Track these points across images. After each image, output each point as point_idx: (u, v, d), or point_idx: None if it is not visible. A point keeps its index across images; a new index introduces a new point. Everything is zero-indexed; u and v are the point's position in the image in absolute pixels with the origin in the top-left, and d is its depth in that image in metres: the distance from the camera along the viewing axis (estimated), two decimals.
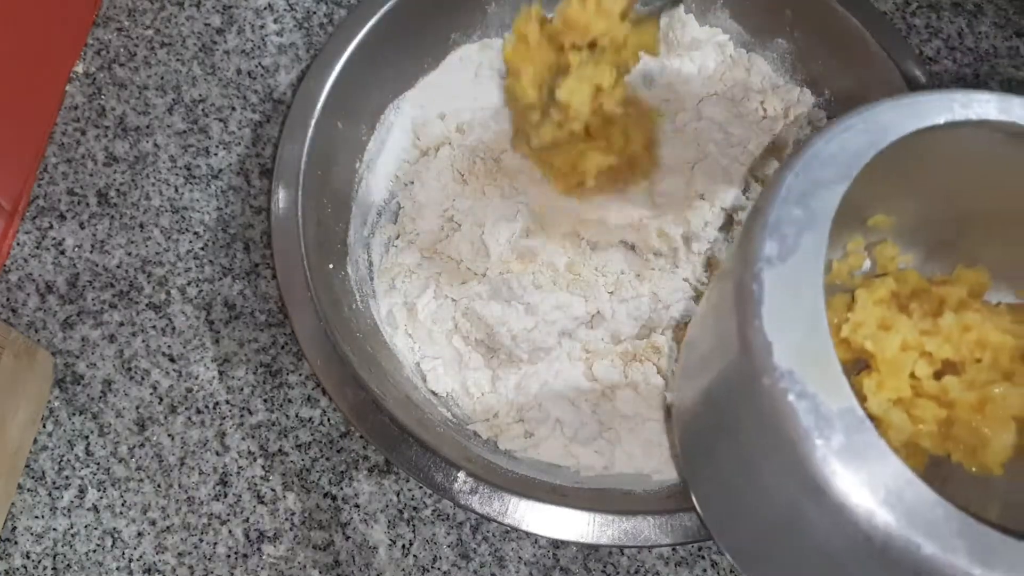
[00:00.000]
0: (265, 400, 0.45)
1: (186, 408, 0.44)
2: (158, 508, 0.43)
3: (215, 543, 0.43)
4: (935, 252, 0.39)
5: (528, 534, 0.42)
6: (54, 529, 0.43)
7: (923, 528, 0.24)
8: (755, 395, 0.27)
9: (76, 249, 0.47)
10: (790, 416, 0.26)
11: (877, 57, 0.45)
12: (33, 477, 0.43)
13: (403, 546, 0.43)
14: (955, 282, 0.36)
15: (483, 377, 0.43)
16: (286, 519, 0.43)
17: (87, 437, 0.44)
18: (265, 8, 0.52)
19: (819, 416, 0.25)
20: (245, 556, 0.42)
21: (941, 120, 0.31)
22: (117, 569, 0.42)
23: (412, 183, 0.47)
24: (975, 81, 0.53)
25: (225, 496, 0.43)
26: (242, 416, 0.44)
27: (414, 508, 0.43)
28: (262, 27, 0.52)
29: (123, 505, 0.43)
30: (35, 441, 0.44)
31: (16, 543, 0.42)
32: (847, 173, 0.29)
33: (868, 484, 0.25)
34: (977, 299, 0.36)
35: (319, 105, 0.43)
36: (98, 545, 0.42)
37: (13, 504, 0.43)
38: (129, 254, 0.47)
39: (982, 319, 0.33)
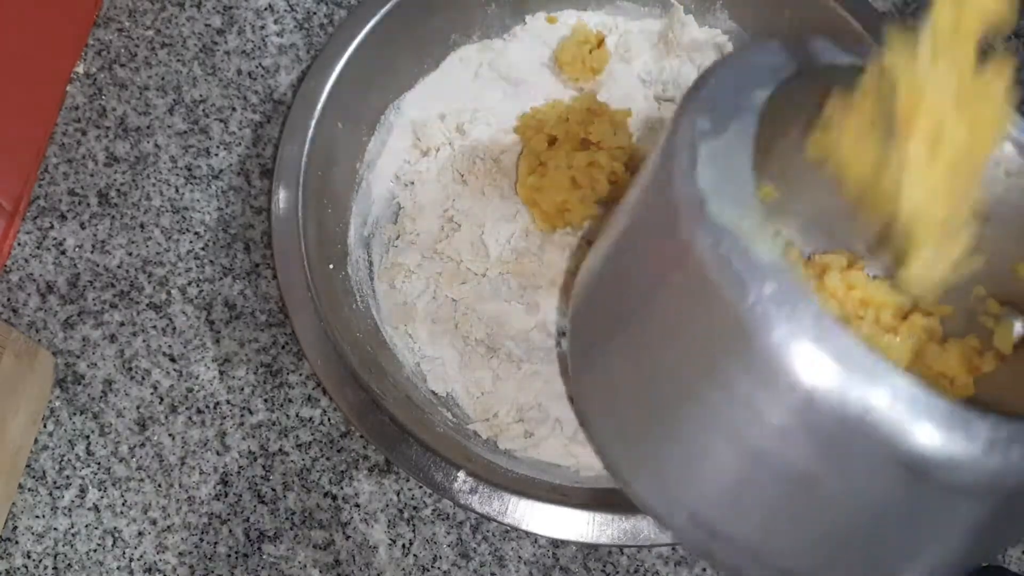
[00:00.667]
0: (265, 400, 0.45)
1: (187, 408, 0.45)
2: (159, 508, 0.43)
3: (215, 543, 0.43)
4: (812, 236, 0.40)
5: (528, 533, 0.42)
6: (55, 529, 0.43)
7: (853, 370, 0.23)
8: (681, 255, 0.27)
9: (77, 249, 0.47)
10: (722, 266, 0.25)
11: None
12: (34, 477, 0.43)
13: (403, 545, 0.43)
14: (835, 254, 0.37)
15: (483, 377, 0.43)
16: (286, 519, 0.43)
17: (88, 437, 0.44)
18: (266, 9, 0.52)
19: (750, 265, 0.25)
20: (246, 556, 0.43)
21: (852, 58, 0.31)
22: (118, 568, 0.42)
23: (412, 183, 0.47)
24: None
25: (226, 496, 0.43)
26: (242, 416, 0.45)
27: (414, 508, 0.43)
28: (263, 28, 0.52)
29: (124, 505, 0.43)
30: (36, 441, 0.44)
31: (17, 543, 0.42)
32: (773, 80, 0.30)
33: (798, 329, 0.24)
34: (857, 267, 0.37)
35: (319, 106, 0.43)
36: (99, 545, 0.43)
37: (14, 504, 0.43)
38: (130, 254, 0.47)
39: (865, 279, 0.34)
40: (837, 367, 0.23)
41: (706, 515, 0.29)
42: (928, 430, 0.23)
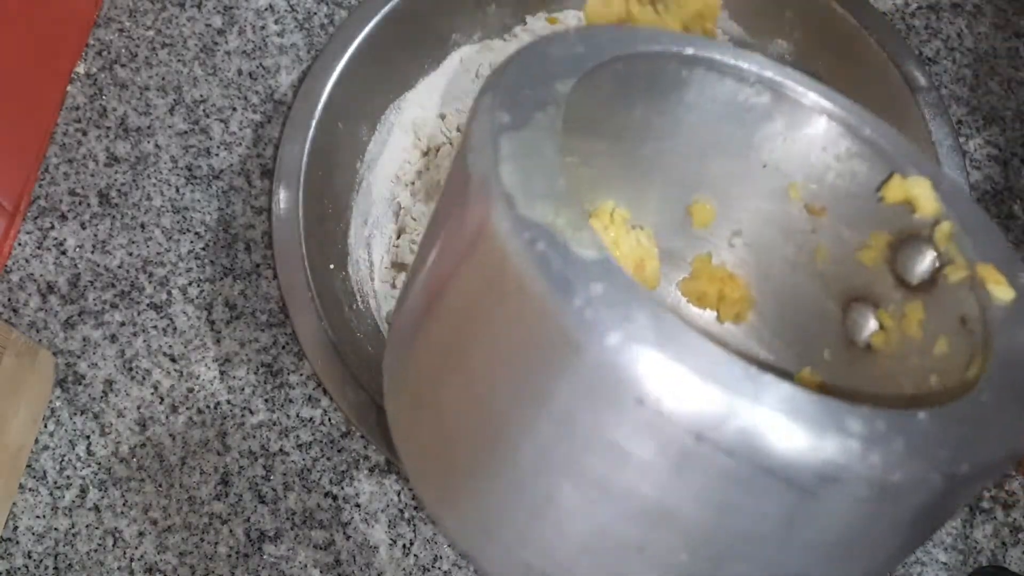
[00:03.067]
0: (266, 400, 0.45)
1: (187, 408, 0.45)
2: (159, 508, 0.43)
3: (216, 543, 0.43)
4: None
5: None
6: (55, 529, 0.43)
7: (704, 373, 0.20)
8: (489, 262, 0.23)
9: (77, 249, 0.47)
10: (540, 268, 0.21)
11: (877, 58, 0.45)
12: (35, 477, 0.43)
13: (404, 546, 0.43)
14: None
15: None
16: (287, 519, 0.43)
17: (88, 437, 0.44)
18: (266, 9, 0.52)
19: (573, 263, 0.21)
20: (246, 556, 0.43)
21: (655, 47, 0.29)
22: (118, 569, 0.42)
23: (413, 183, 0.47)
24: (975, 81, 0.53)
25: (226, 496, 0.43)
26: (243, 416, 0.45)
27: (415, 508, 0.43)
28: (263, 28, 0.52)
29: (124, 505, 0.43)
30: (36, 441, 0.44)
31: (18, 543, 0.42)
32: (574, 71, 0.27)
33: (636, 332, 0.20)
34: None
35: (320, 106, 0.43)
36: (99, 545, 0.43)
37: (15, 504, 0.43)
38: (130, 254, 0.47)
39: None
40: (686, 372, 0.20)
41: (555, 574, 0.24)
42: (799, 431, 0.20)
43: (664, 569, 0.23)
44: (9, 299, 0.46)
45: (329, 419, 0.45)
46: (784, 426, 0.20)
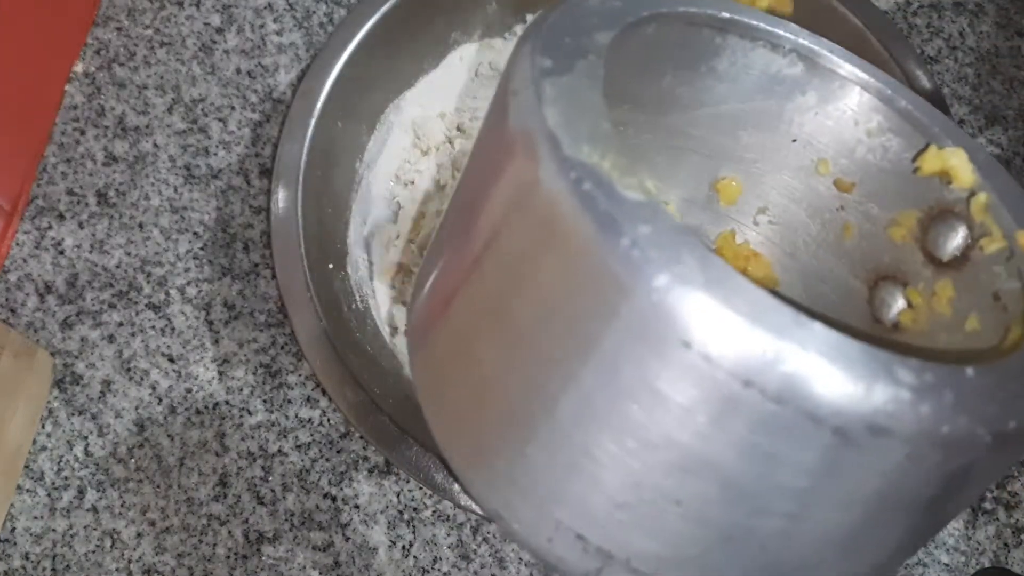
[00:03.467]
0: (265, 401, 0.45)
1: (185, 409, 0.44)
2: (157, 509, 0.43)
3: (214, 544, 0.43)
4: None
5: None
6: (53, 530, 0.43)
7: (754, 317, 0.19)
8: (532, 203, 0.22)
9: (75, 249, 0.47)
10: (587, 208, 0.21)
11: (878, 57, 0.45)
12: (32, 478, 0.43)
13: (403, 547, 0.43)
14: None
15: None
16: (286, 520, 0.43)
17: (86, 438, 0.44)
18: (265, 7, 0.52)
19: (621, 205, 0.21)
20: (245, 557, 0.42)
21: (691, 8, 0.29)
22: (116, 570, 0.42)
23: (412, 183, 0.47)
24: (976, 80, 0.53)
25: (225, 497, 0.43)
26: (241, 417, 0.44)
27: (414, 509, 0.43)
28: (262, 27, 0.52)
29: (122, 506, 0.43)
30: (34, 441, 0.44)
31: (15, 544, 0.42)
32: (613, 23, 0.27)
33: (685, 274, 0.20)
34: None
35: (319, 105, 0.43)
36: (97, 546, 0.42)
37: (12, 505, 0.43)
38: (128, 254, 0.47)
39: None
40: (735, 316, 0.19)
41: (596, 535, 0.24)
42: (849, 379, 0.19)
43: (700, 523, 0.23)
44: (7, 299, 0.46)
45: (328, 420, 0.44)
46: (833, 373, 0.19)
